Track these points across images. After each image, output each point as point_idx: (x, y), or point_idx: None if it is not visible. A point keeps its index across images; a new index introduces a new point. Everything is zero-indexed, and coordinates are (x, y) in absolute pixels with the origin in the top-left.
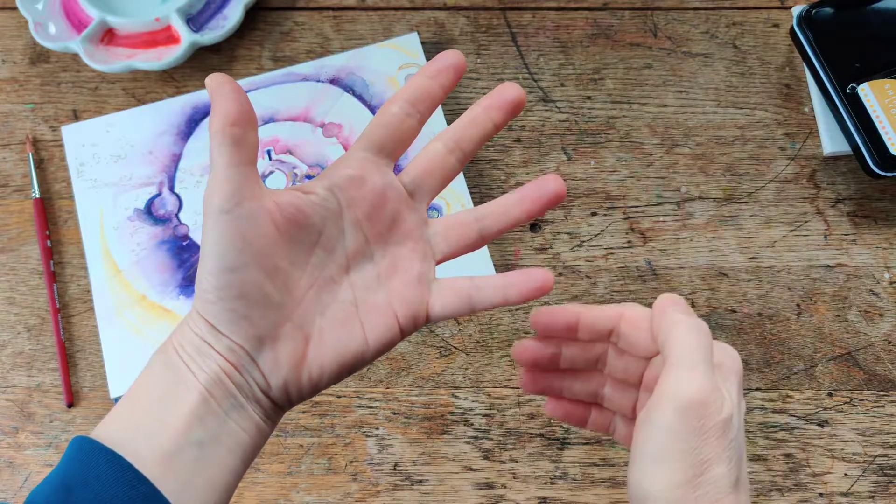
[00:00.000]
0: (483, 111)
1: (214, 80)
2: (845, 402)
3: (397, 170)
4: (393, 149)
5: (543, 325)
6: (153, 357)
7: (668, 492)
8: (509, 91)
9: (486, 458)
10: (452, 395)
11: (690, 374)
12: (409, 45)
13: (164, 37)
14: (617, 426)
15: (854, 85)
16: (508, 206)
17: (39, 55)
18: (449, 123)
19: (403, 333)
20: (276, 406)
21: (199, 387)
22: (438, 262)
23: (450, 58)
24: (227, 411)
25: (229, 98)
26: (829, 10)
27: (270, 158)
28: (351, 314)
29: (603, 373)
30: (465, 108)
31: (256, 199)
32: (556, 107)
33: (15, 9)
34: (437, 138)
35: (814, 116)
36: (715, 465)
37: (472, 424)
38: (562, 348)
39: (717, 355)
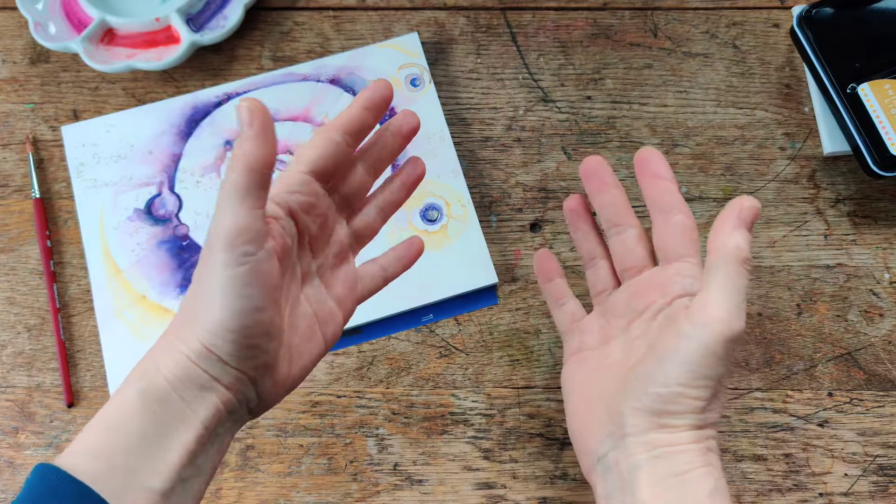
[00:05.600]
0: (391, 136)
1: (251, 111)
2: (845, 402)
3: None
4: (332, 175)
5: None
6: (131, 386)
7: (699, 410)
8: (409, 118)
9: (486, 458)
10: (452, 395)
11: (740, 310)
12: (409, 45)
13: (164, 37)
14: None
15: (854, 85)
16: (387, 182)
17: (39, 55)
18: (450, 124)
19: (344, 323)
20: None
21: (197, 425)
22: (356, 253)
23: (382, 89)
24: (213, 442)
25: (265, 141)
26: (829, 10)
27: None
28: (313, 325)
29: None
30: (466, 108)
31: (268, 236)
32: (556, 107)
33: (15, 9)
34: (356, 160)
35: (814, 116)
36: (723, 392)
37: (472, 424)
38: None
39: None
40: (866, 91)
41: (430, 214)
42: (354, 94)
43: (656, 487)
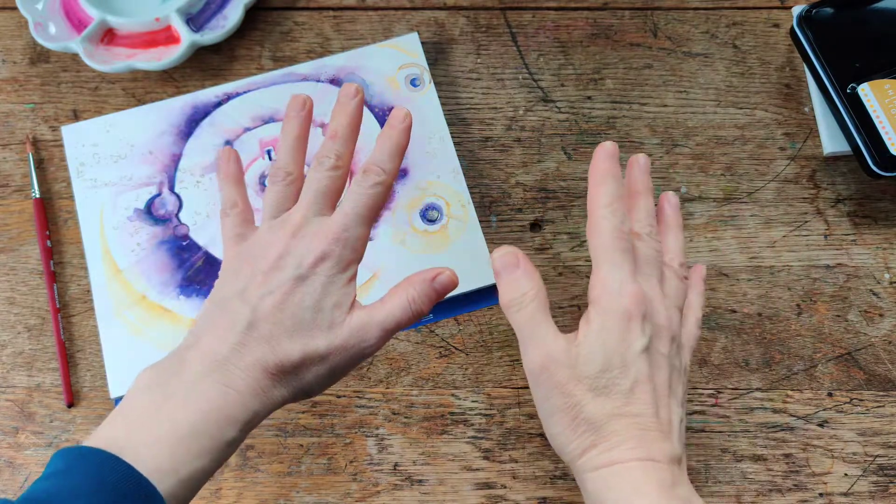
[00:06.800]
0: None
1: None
2: (845, 402)
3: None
4: None
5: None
6: (228, 424)
7: (567, 442)
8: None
9: (486, 458)
10: (452, 395)
11: (528, 346)
12: (409, 45)
13: (164, 37)
14: None
15: (854, 85)
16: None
17: (39, 55)
18: (450, 124)
19: None
20: None
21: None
22: None
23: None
24: None
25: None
26: (829, 10)
27: (270, 158)
28: None
29: None
30: (466, 108)
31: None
32: (556, 107)
33: (15, 9)
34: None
35: (814, 116)
36: (584, 407)
37: (472, 424)
38: None
39: (597, 291)
40: (866, 91)
41: (430, 214)
42: None
43: None
